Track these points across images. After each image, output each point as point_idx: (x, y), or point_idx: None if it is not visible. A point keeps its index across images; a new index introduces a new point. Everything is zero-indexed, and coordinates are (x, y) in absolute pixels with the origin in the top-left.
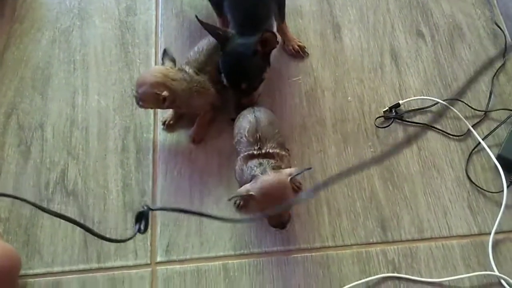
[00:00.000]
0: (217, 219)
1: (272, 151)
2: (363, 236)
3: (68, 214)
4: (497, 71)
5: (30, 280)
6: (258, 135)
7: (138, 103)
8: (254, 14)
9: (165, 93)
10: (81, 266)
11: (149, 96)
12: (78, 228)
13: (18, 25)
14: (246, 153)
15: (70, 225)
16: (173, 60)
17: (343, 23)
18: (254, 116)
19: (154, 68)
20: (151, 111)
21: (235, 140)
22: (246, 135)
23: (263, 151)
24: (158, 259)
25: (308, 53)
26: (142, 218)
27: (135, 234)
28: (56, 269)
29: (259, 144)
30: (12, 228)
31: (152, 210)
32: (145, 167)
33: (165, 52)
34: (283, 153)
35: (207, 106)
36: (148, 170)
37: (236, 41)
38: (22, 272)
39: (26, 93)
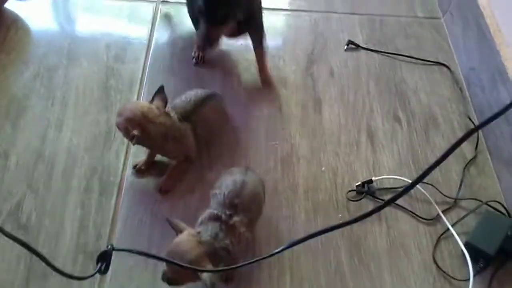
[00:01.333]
0: (181, 266)
1: (238, 226)
2: None
3: (16, 249)
4: (468, 162)
5: None
6: (235, 202)
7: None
8: None
9: (135, 131)
10: None
11: (122, 128)
12: (22, 265)
13: (5, 55)
14: (214, 212)
15: (14, 259)
16: (165, 101)
17: (324, 99)
18: (243, 180)
19: (137, 104)
20: (122, 154)
21: (213, 191)
22: (225, 194)
23: (230, 222)
24: None
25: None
26: (105, 257)
27: (95, 273)
28: None
29: (231, 210)
30: None
31: (115, 250)
32: (106, 211)
33: (160, 90)
34: (246, 234)
35: (181, 155)
36: (109, 214)
37: None
38: None
39: None
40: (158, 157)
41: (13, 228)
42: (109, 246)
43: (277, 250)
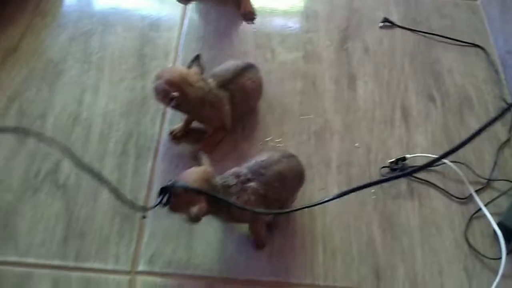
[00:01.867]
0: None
1: (249, 192)
2: (356, 281)
3: (53, 208)
4: (502, 144)
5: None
6: (261, 171)
7: (154, 94)
8: None
9: (175, 93)
10: (57, 262)
11: (161, 91)
12: (60, 223)
13: (40, 18)
14: (239, 170)
15: (52, 218)
16: (202, 68)
17: (359, 75)
18: (279, 159)
19: (176, 68)
20: (157, 121)
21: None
22: (257, 161)
23: (245, 184)
24: (140, 268)
25: (255, 17)
26: (166, 192)
27: (156, 205)
28: (30, 260)
29: (253, 176)
30: None
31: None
32: (142, 174)
33: (197, 57)
34: (252, 202)
35: (216, 121)
36: (144, 178)
37: None
38: None
39: (34, 83)
40: (194, 125)
41: (52, 187)
42: (170, 182)
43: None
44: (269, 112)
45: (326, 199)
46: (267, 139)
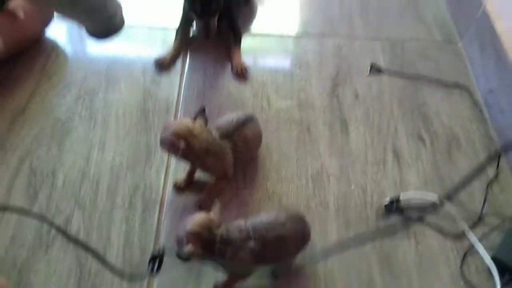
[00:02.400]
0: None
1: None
2: None
3: (66, 262)
4: (490, 180)
5: None
6: (265, 237)
7: (160, 144)
8: None
9: (182, 144)
10: None
11: (167, 142)
12: (72, 277)
13: (46, 79)
14: (240, 225)
15: (64, 272)
16: (206, 120)
17: (350, 120)
18: (284, 222)
19: (182, 120)
20: (162, 173)
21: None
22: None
23: (247, 237)
24: None
25: (248, 75)
26: (156, 259)
27: (148, 273)
28: None
29: (253, 233)
30: (6, 268)
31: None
32: (150, 226)
33: (202, 111)
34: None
35: (219, 170)
36: (152, 229)
37: None
38: None
39: (44, 141)
40: (197, 176)
41: (63, 242)
42: (160, 250)
43: None
44: (268, 158)
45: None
46: (267, 185)
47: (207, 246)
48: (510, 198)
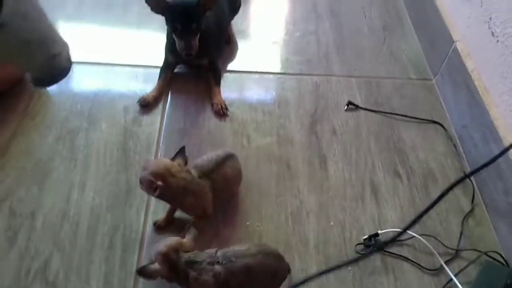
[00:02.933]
0: None
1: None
2: None
3: None
4: (466, 215)
5: None
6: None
7: (139, 184)
8: None
9: (159, 183)
10: None
11: (145, 182)
12: None
13: (28, 119)
14: (212, 252)
15: None
16: (185, 160)
17: (329, 156)
18: (255, 253)
19: (160, 160)
20: (142, 212)
21: None
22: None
23: (214, 262)
24: None
25: (228, 112)
26: None
27: None
28: None
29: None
30: None
31: None
32: (129, 266)
33: (181, 150)
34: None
35: (199, 209)
36: (132, 270)
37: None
38: None
39: (24, 182)
40: (177, 214)
41: (42, 285)
42: None
43: None
44: (248, 196)
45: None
46: (248, 222)
47: (173, 267)
48: (485, 232)
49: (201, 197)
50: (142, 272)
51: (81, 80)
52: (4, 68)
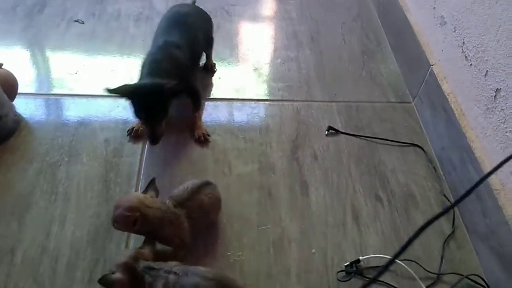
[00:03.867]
0: None
1: None
2: None
3: None
4: (447, 238)
5: None
6: None
7: (113, 225)
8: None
9: (137, 214)
10: None
11: (122, 218)
12: None
13: (9, 154)
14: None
15: None
16: (157, 191)
17: (310, 182)
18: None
19: (132, 194)
20: (122, 245)
21: None
22: None
23: (171, 272)
24: None
25: (209, 139)
26: None
27: None
28: None
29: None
30: None
31: None
32: None
33: (152, 182)
34: None
35: (177, 238)
36: None
37: (146, 83)
38: None
39: (4, 218)
40: (158, 246)
41: None
42: None
43: None
44: (228, 225)
45: None
46: (229, 253)
47: (134, 275)
48: (466, 255)
49: (177, 226)
50: (103, 281)
51: (62, 113)
52: None
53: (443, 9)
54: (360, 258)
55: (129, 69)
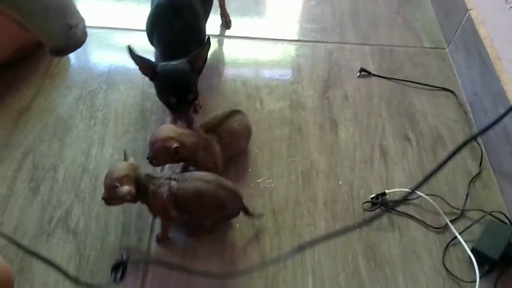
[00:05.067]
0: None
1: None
2: None
3: (66, 251)
4: (473, 178)
5: None
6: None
7: (151, 162)
8: (176, 46)
9: (175, 144)
10: None
11: (164, 150)
12: (72, 264)
13: (50, 80)
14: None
15: (64, 260)
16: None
17: (340, 120)
18: (209, 180)
19: (163, 127)
20: (158, 168)
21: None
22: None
23: (172, 178)
24: None
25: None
26: (120, 267)
27: (111, 281)
28: None
29: (179, 177)
30: (9, 255)
31: (129, 262)
32: (146, 216)
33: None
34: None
35: (210, 162)
36: (148, 221)
37: (170, 64)
38: None
39: (46, 138)
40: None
41: (63, 232)
42: (124, 257)
43: None
44: (259, 155)
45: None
46: (259, 180)
47: (136, 183)
48: (491, 194)
49: (210, 151)
50: (110, 197)
51: (99, 45)
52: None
53: None
54: (386, 191)
55: None
